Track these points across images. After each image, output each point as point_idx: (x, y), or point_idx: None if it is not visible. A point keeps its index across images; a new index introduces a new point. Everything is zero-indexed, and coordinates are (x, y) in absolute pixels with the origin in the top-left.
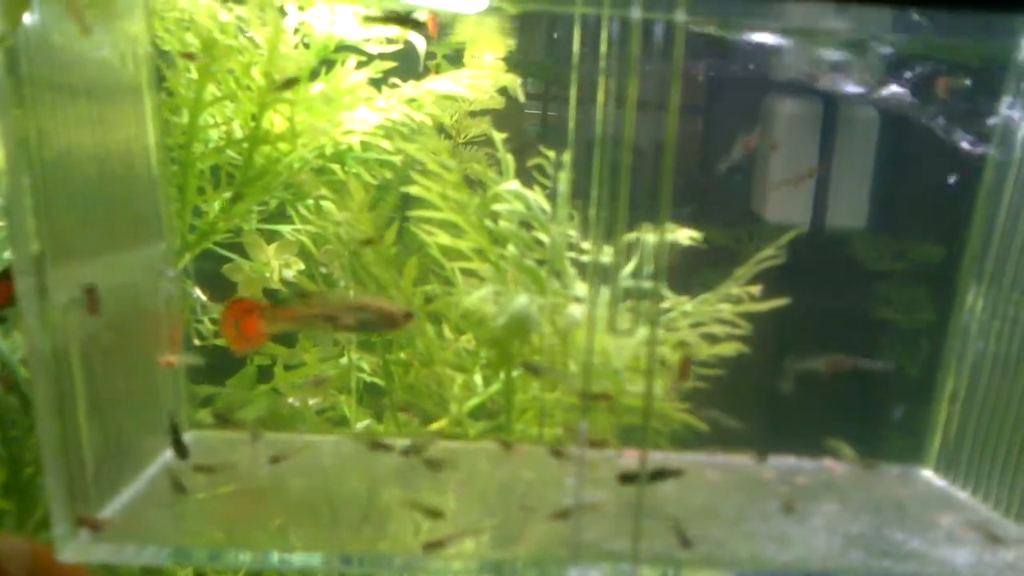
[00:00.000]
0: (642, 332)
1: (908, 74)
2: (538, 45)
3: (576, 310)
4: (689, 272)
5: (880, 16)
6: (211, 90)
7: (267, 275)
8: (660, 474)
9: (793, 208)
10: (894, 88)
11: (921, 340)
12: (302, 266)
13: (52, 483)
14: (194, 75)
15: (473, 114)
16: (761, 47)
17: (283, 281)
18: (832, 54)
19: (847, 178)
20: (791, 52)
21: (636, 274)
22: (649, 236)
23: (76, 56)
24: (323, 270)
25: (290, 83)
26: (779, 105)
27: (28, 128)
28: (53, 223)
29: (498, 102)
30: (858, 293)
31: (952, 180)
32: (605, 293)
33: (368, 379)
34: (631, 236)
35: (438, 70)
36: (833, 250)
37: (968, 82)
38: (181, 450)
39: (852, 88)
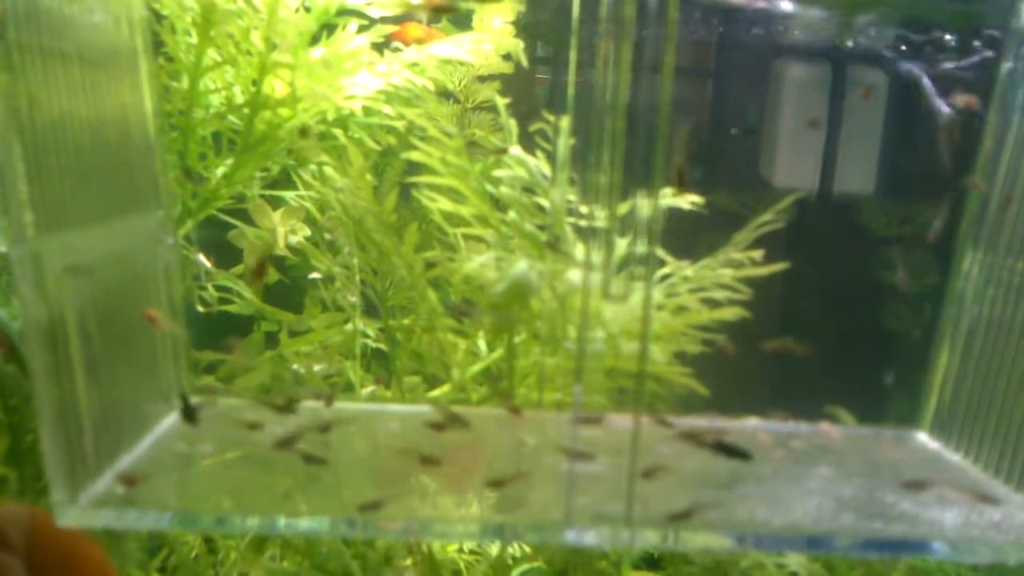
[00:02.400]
0: (637, 297)
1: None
2: (548, 7)
3: (575, 275)
4: (695, 237)
5: None
6: (211, 55)
7: (272, 241)
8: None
9: (801, 173)
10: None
11: (925, 304)
12: (308, 232)
13: (50, 450)
14: (194, 39)
15: (481, 79)
16: (769, 10)
17: (288, 247)
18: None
19: (855, 143)
20: (799, 15)
21: (632, 239)
22: (644, 201)
23: (67, 20)
24: (328, 236)
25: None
26: (787, 69)
27: (19, 94)
28: (46, 191)
29: (508, 67)
30: (864, 257)
31: (955, 144)
32: (601, 258)
33: (374, 345)
34: (629, 201)
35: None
36: (841, 215)
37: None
38: (190, 415)
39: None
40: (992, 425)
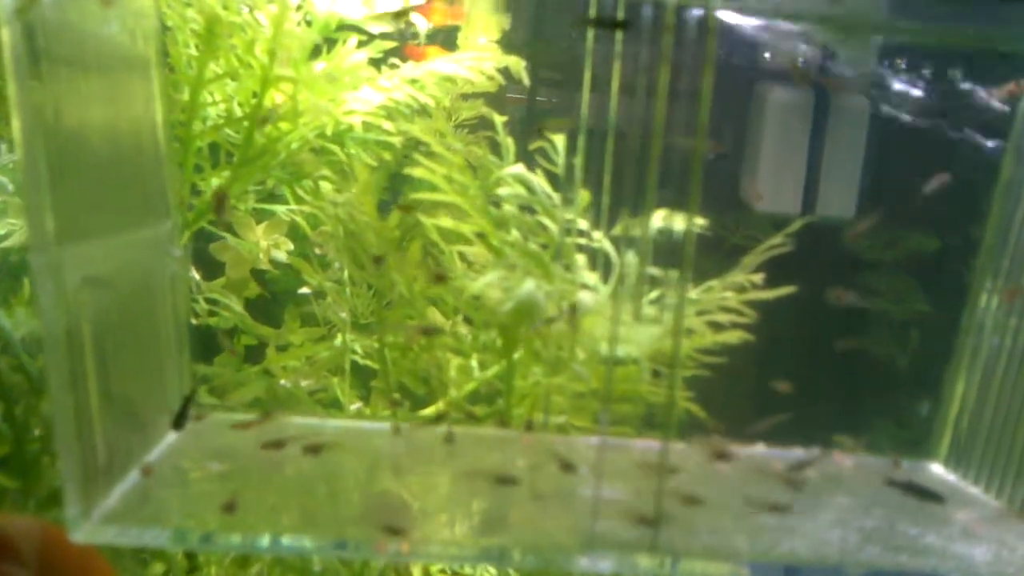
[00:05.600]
0: (659, 322)
1: (919, 65)
2: (524, 26)
3: (586, 297)
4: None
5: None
6: (212, 67)
7: (259, 255)
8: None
9: (783, 197)
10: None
11: (911, 330)
12: (291, 246)
13: (66, 465)
14: (195, 51)
15: (465, 97)
16: (753, 31)
17: (272, 262)
18: (831, 40)
19: (839, 167)
20: (785, 37)
21: (655, 262)
22: (676, 222)
23: (88, 33)
24: (318, 251)
25: None
26: (770, 93)
27: (45, 102)
28: (67, 199)
29: (492, 85)
30: (848, 282)
31: (959, 172)
32: (616, 281)
33: (361, 361)
34: (624, 224)
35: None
36: (822, 239)
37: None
38: (180, 422)
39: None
40: (1016, 458)
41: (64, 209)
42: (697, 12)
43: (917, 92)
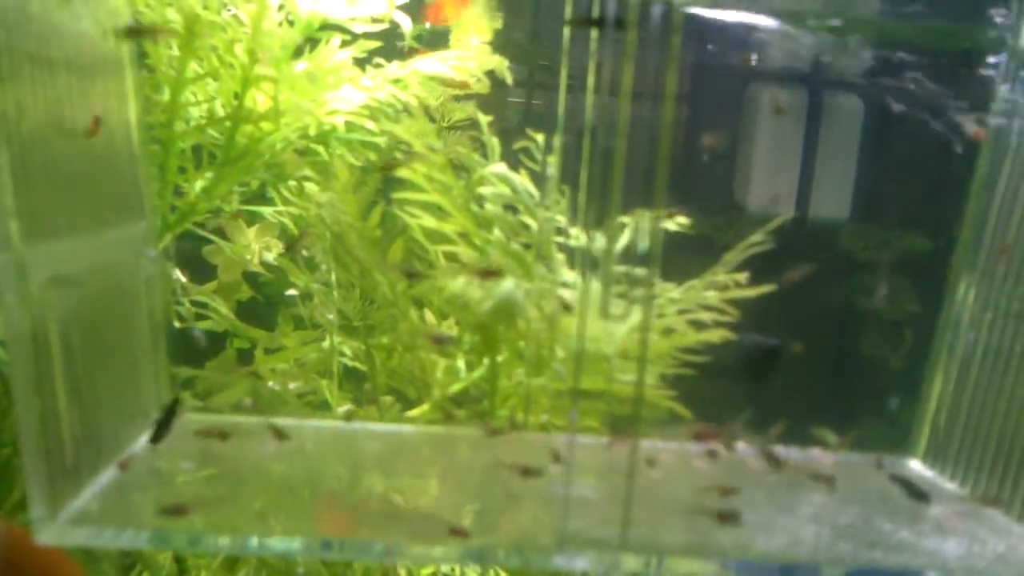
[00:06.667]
0: (633, 318)
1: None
2: (522, 29)
3: (565, 295)
4: (667, 261)
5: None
6: (193, 67)
7: (248, 258)
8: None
9: (776, 197)
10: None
11: (904, 331)
12: (282, 249)
13: (30, 465)
14: (176, 51)
15: (457, 98)
16: (741, 30)
17: (263, 264)
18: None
19: (831, 167)
20: (775, 39)
21: (627, 259)
22: (643, 220)
23: (55, 27)
24: (304, 253)
25: None
26: (763, 93)
27: (7, 101)
28: (32, 198)
29: (483, 86)
30: (841, 282)
31: (942, 170)
32: (594, 279)
33: (349, 363)
34: (620, 221)
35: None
36: (816, 239)
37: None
38: (159, 433)
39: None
40: (991, 453)
41: (29, 208)
42: (695, 10)
43: (907, 92)
